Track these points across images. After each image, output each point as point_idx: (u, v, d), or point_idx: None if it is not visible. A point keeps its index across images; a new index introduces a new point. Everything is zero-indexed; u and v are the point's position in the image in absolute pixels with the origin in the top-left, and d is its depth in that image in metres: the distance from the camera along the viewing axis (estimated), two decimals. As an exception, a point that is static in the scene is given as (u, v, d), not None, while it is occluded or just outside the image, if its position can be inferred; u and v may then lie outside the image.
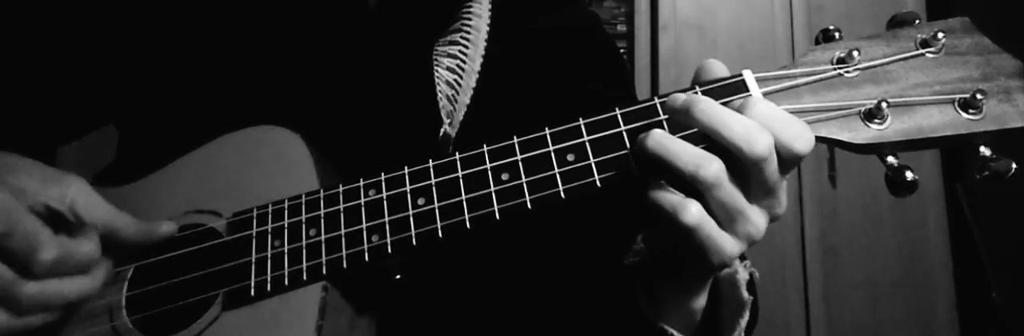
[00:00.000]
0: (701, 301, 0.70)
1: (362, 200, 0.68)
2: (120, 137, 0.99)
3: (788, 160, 0.58)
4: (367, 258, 0.66)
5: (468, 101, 0.88)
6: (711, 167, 0.56)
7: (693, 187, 0.58)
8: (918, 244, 2.65)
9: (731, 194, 0.58)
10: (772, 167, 0.57)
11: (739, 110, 0.57)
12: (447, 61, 0.89)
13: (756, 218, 0.60)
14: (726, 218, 0.59)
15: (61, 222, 0.67)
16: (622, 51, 2.83)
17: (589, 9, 1.16)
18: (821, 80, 0.60)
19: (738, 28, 2.86)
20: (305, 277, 0.67)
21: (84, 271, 0.66)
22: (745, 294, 0.70)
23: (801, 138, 0.57)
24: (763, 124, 0.57)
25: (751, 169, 0.57)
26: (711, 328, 0.72)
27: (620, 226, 0.80)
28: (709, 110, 0.57)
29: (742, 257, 0.72)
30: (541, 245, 0.85)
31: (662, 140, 0.58)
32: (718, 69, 0.63)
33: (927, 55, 0.60)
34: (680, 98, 0.59)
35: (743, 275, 0.71)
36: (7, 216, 0.60)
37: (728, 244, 0.60)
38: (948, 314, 2.59)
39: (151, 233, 0.71)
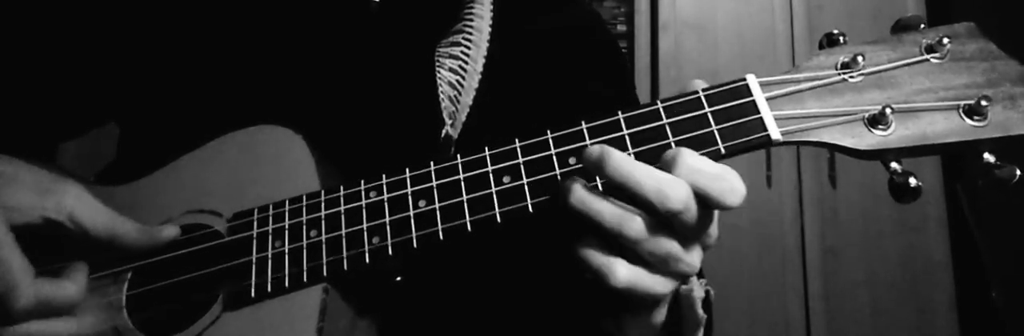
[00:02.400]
0: (659, 317, 0.69)
1: (363, 202, 0.68)
2: (121, 135, 0.98)
3: (720, 210, 0.58)
4: (368, 260, 0.66)
5: (470, 102, 0.88)
6: (633, 226, 0.56)
7: (618, 242, 0.57)
8: (918, 244, 2.66)
9: (659, 244, 0.57)
10: (690, 215, 0.56)
11: (668, 164, 0.56)
12: (449, 62, 0.89)
13: (689, 258, 0.59)
14: (659, 263, 0.58)
15: (60, 232, 0.66)
16: (622, 51, 2.83)
17: (589, 8, 1.16)
18: (825, 85, 0.60)
19: (738, 28, 2.86)
20: (305, 278, 0.67)
21: (68, 313, 0.65)
22: (700, 313, 0.69)
23: (731, 192, 0.56)
24: (690, 180, 0.56)
25: (672, 220, 0.56)
26: None
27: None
28: (619, 167, 0.56)
29: (699, 274, 0.71)
30: (541, 248, 0.85)
31: (584, 198, 0.57)
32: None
33: (932, 60, 0.59)
34: (594, 152, 0.58)
35: (698, 293, 0.70)
36: None
37: (659, 286, 0.59)
38: (948, 314, 2.60)
39: (154, 237, 0.70)
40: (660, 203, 0.55)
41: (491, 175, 0.64)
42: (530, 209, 0.62)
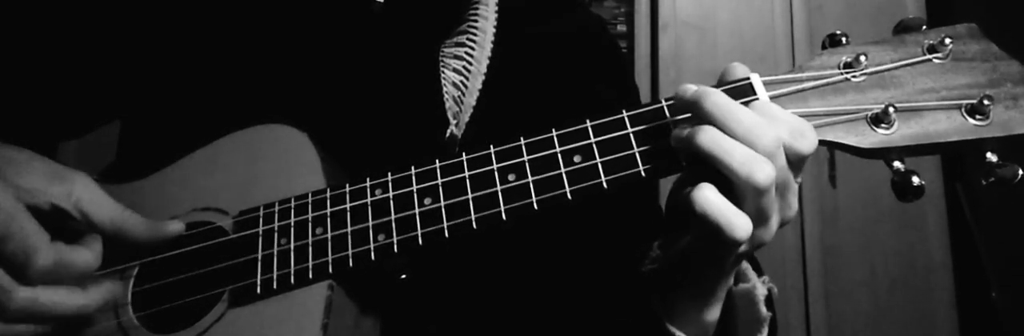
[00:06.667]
0: (714, 314, 0.69)
1: (368, 199, 0.69)
2: (123, 134, 0.98)
3: (793, 160, 0.58)
4: (373, 257, 0.66)
5: (474, 102, 0.88)
6: (765, 170, 0.55)
7: (738, 190, 0.57)
8: (918, 244, 2.65)
9: (773, 201, 0.57)
10: (781, 162, 0.57)
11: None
12: (453, 62, 0.89)
13: (774, 223, 0.60)
14: (755, 222, 0.58)
15: (66, 221, 0.66)
16: (624, 55, 2.83)
17: (592, 12, 1.16)
18: (828, 84, 0.60)
19: (738, 28, 2.86)
20: (311, 275, 0.67)
21: (81, 281, 0.65)
22: (763, 310, 0.69)
23: (804, 137, 0.58)
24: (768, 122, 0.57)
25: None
26: None
27: (637, 232, 0.80)
28: (720, 102, 0.57)
29: (760, 272, 0.71)
30: (551, 248, 0.85)
31: (716, 137, 0.56)
32: (741, 71, 0.63)
33: (934, 61, 0.60)
34: (690, 89, 0.59)
35: (761, 291, 0.70)
36: (6, 219, 0.59)
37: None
38: (948, 314, 2.59)
39: (159, 232, 0.71)
40: (758, 140, 0.55)
41: (496, 173, 0.65)
42: (535, 206, 0.63)
